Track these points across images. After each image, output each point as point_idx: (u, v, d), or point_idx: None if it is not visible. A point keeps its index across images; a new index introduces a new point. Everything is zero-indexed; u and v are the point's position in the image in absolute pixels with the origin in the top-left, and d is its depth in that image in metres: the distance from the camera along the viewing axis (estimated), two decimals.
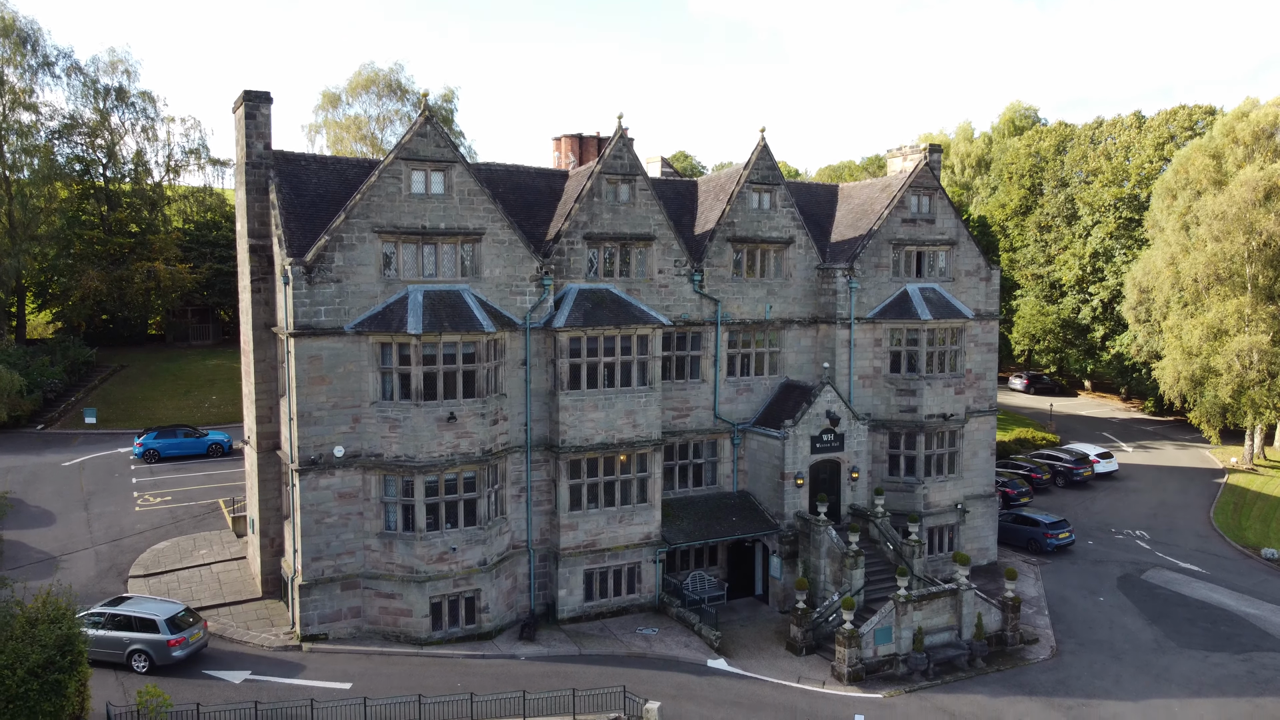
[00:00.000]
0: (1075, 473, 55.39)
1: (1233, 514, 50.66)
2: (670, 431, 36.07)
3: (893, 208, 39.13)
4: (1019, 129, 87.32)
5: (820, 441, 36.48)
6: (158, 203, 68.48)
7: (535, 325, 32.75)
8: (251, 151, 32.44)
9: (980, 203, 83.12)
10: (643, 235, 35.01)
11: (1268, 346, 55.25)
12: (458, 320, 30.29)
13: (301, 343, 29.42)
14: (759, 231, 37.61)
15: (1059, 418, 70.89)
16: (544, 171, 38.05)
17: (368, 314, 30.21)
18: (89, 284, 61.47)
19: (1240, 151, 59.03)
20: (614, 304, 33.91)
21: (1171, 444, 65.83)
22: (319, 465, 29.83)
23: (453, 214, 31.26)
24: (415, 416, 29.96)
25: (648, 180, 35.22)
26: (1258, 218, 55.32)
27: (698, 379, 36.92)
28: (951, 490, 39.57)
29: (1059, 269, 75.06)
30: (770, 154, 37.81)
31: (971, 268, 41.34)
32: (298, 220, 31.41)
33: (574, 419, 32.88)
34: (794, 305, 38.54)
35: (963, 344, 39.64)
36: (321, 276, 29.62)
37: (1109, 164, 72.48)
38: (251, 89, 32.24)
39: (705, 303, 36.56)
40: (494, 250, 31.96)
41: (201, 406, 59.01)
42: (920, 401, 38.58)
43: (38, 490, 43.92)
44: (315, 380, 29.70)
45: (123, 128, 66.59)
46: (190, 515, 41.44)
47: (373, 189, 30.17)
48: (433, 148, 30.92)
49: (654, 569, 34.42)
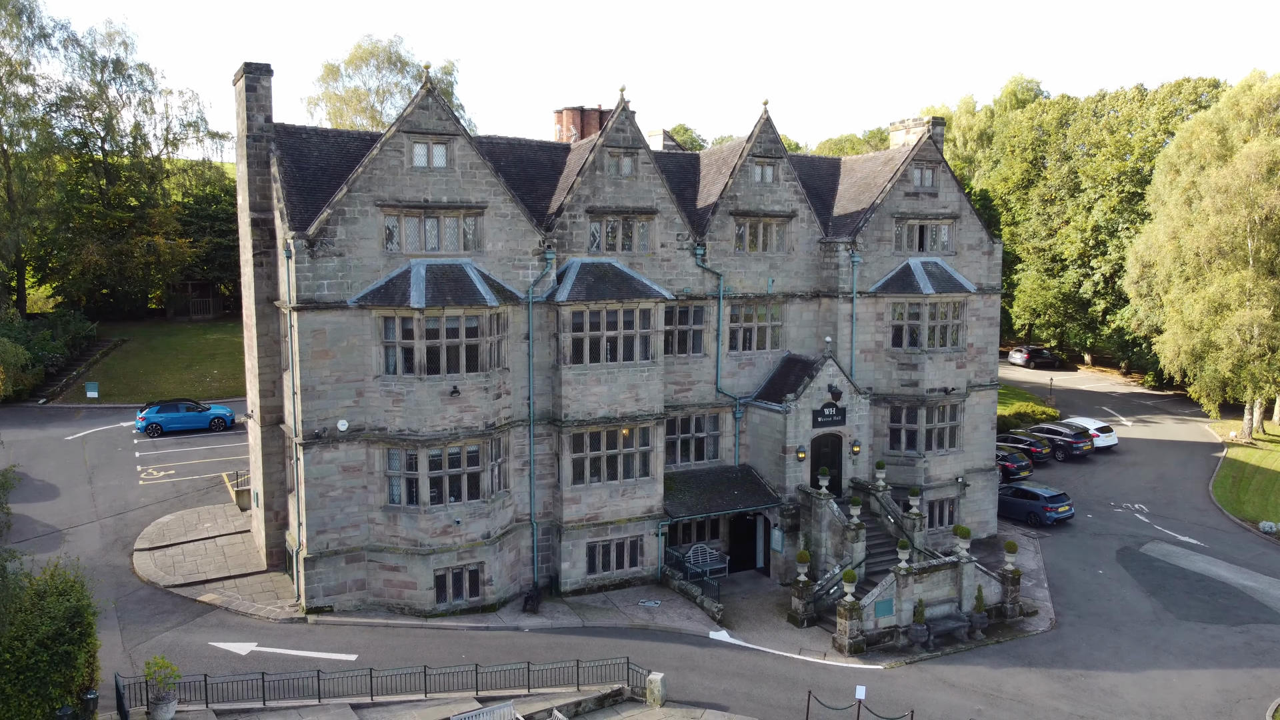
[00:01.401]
0: (1075, 447, 55.57)
1: (1231, 487, 50.89)
2: (672, 405, 36.15)
3: (895, 181, 39.00)
4: (1021, 102, 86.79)
5: (822, 416, 36.58)
6: (156, 176, 68.15)
7: (538, 299, 32.73)
8: (252, 124, 32.27)
9: (982, 176, 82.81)
10: (645, 209, 34.91)
11: (1269, 321, 55.20)
12: (460, 294, 30.27)
13: (304, 317, 29.42)
14: (761, 205, 37.50)
15: (1059, 392, 70.99)
16: (546, 145, 37.87)
17: (370, 288, 30.18)
18: (88, 258, 61.33)
19: (1244, 125, 58.75)
20: (616, 278, 33.88)
21: (1171, 418, 65.99)
22: (323, 439, 29.93)
23: (455, 187, 31.15)
24: (418, 390, 30.01)
25: (650, 153, 35.09)
26: (1260, 192, 55.12)
27: (700, 353, 36.94)
28: (952, 464, 39.72)
29: (1061, 243, 74.90)
30: (773, 127, 37.63)
31: (974, 241, 41.26)
32: (299, 193, 31.31)
33: (577, 393, 32.95)
34: (796, 279, 38.51)
35: (964, 318, 39.64)
36: (324, 250, 29.57)
37: (1112, 137, 72.14)
38: (252, 61, 32.02)
39: (707, 276, 36.52)
40: (496, 224, 31.89)
41: (203, 380, 59.07)
42: (922, 375, 38.64)
43: (41, 464, 44.05)
44: (318, 354, 29.72)
45: (120, 100, 66.18)
46: (194, 489, 41.61)
47: (374, 162, 30.05)
48: (434, 120, 30.77)
49: (656, 542, 34.62)
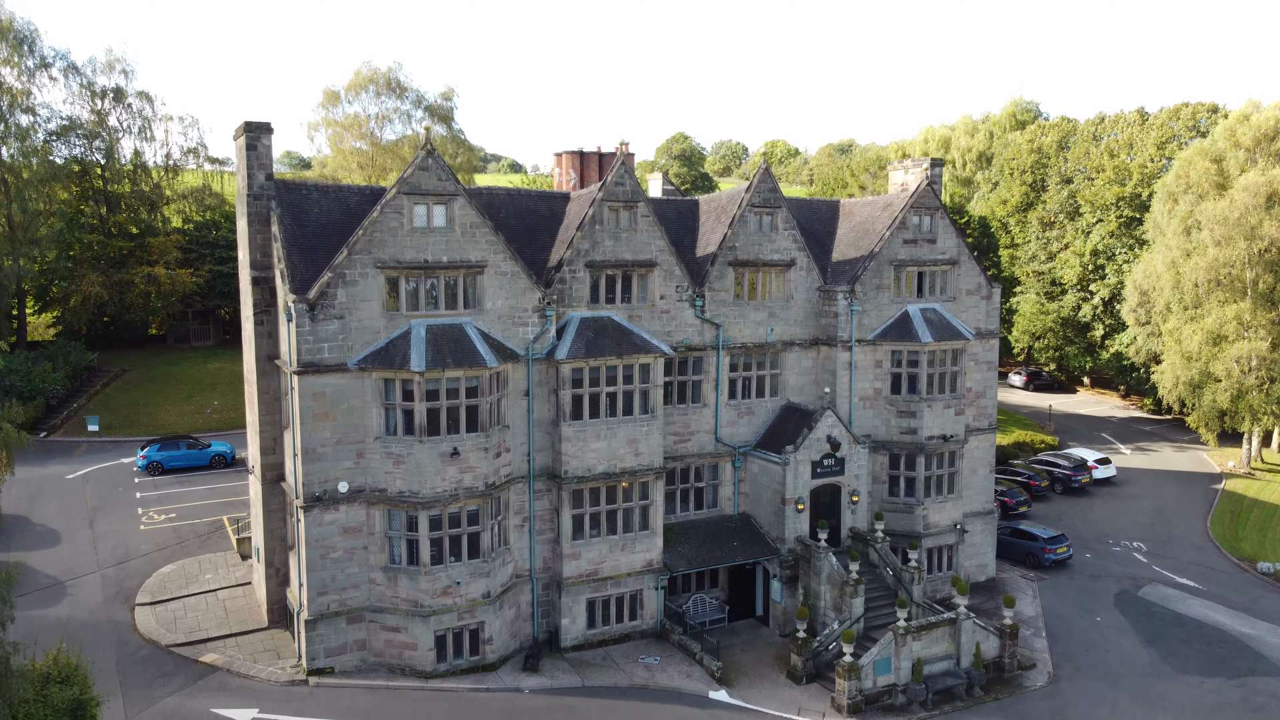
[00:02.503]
0: (1074, 479, 55.69)
1: (1229, 523, 51.01)
2: (671, 456, 36.26)
3: (894, 228, 39.10)
4: (1021, 123, 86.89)
5: (821, 466, 36.70)
6: (157, 203, 68.26)
7: (537, 356, 32.84)
8: (253, 183, 32.39)
9: (981, 198, 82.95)
10: (644, 261, 35.03)
11: (1267, 353, 55.36)
12: (460, 356, 30.38)
13: (305, 380, 29.53)
14: (760, 254, 37.62)
15: (1057, 417, 71.15)
16: (545, 194, 37.99)
17: (371, 349, 30.29)
18: (89, 289, 61.45)
19: (1242, 155, 58.91)
20: (616, 332, 33.99)
21: (1170, 445, 66.13)
22: (324, 501, 30.04)
23: (455, 247, 31.26)
24: (419, 452, 30.12)
25: (649, 206, 35.20)
26: (1259, 223, 55.28)
27: (699, 403, 37.05)
28: (951, 510, 39.83)
29: (1060, 267, 75.03)
30: (771, 176, 37.74)
31: (972, 286, 41.37)
32: (300, 252, 31.41)
33: (576, 449, 33.06)
34: (795, 327, 38.62)
35: (963, 364, 39.74)
36: (324, 313, 29.68)
37: (1111, 162, 72.28)
38: (252, 120, 32.14)
39: (707, 327, 36.64)
40: (496, 282, 32.00)
41: (203, 412, 59.19)
42: (920, 423, 38.75)
43: (43, 506, 44.17)
44: (319, 416, 29.83)
45: (120, 128, 66.28)
46: (195, 534, 41.72)
47: (374, 224, 30.16)
48: (435, 181, 30.88)
49: (656, 596, 34.74)
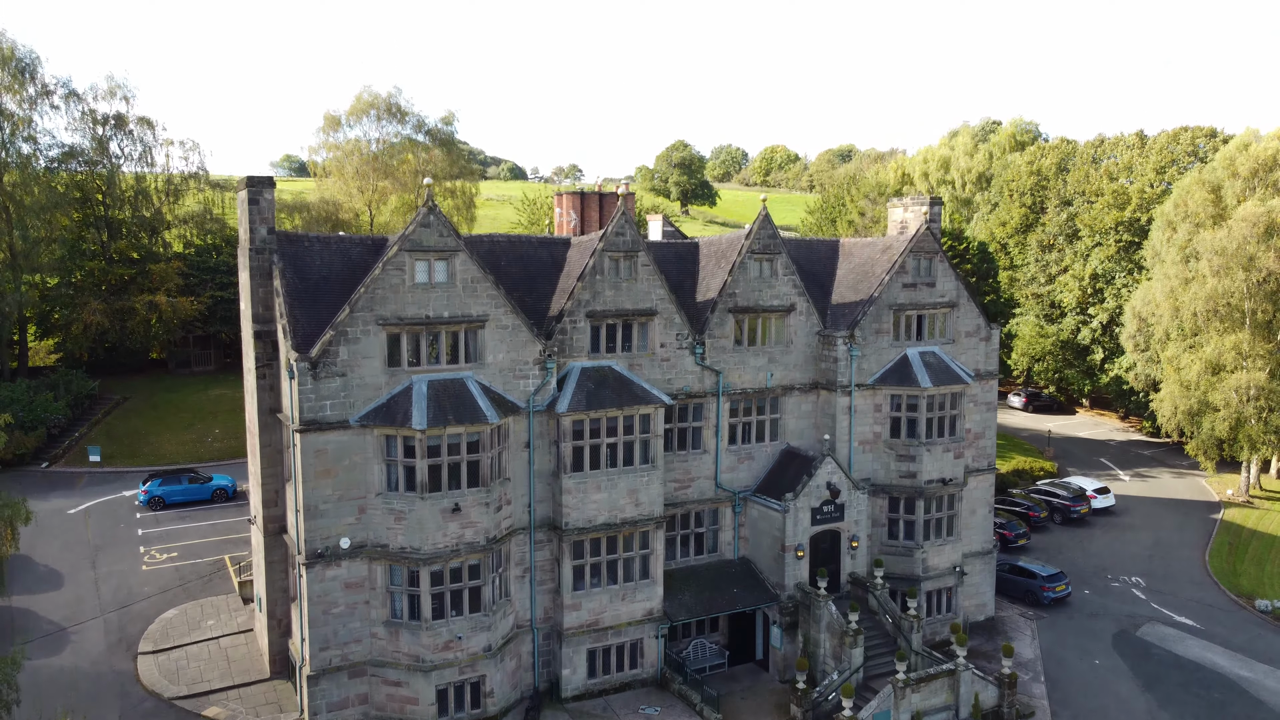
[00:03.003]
0: (1073, 510, 55.82)
1: (1228, 556, 51.16)
2: (672, 503, 36.41)
3: (893, 272, 39.24)
4: (1020, 144, 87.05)
5: (820, 513, 36.85)
6: (157, 228, 68.42)
7: (538, 408, 32.99)
8: (255, 237, 32.56)
9: (981, 219, 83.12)
10: (645, 310, 35.19)
11: (1265, 383, 55.54)
12: (461, 412, 30.52)
13: (307, 438, 29.67)
14: (760, 300, 37.78)
15: (1056, 441, 71.28)
16: (546, 240, 38.12)
17: (372, 406, 30.43)
18: (90, 317, 61.61)
19: (1239, 185, 59.07)
20: (617, 383, 34.14)
21: (1169, 471, 66.26)
22: (326, 558, 30.18)
23: (456, 302, 31.42)
24: (420, 509, 30.26)
25: (649, 255, 35.36)
26: (1257, 253, 55.44)
27: (699, 449, 37.21)
28: (950, 553, 39.98)
29: (1059, 290, 75.19)
30: (771, 223, 37.90)
31: (971, 328, 41.52)
32: (302, 306, 31.55)
33: (577, 501, 33.22)
34: (795, 371, 38.77)
35: (962, 408, 39.88)
36: (326, 371, 29.82)
37: (1110, 185, 72.43)
38: (254, 175, 32.30)
39: (707, 374, 36.80)
40: (497, 336, 32.15)
41: (204, 441, 59.34)
42: (920, 467, 38.89)
43: (45, 545, 44.30)
44: (321, 473, 29.98)
45: (121, 155, 66.43)
46: (197, 575, 41.87)
47: (376, 281, 30.31)
48: (436, 237, 31.02)
49: (656, 644, 34.90)
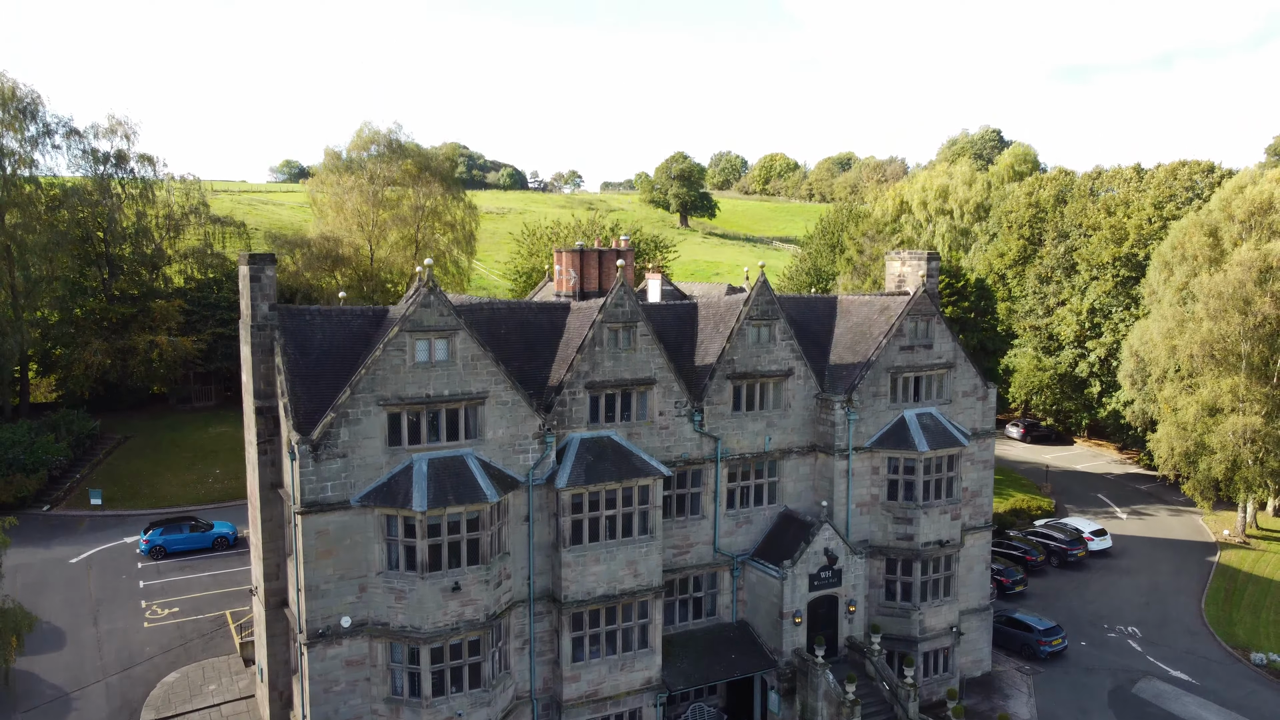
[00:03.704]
0: (1070, 553, 56.08)
1: (1224, 603, 51.40)
2: (670, 569, 36.66)
3: (891, 336, 39.48)
4: (1019, 174, 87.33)
5: (818, 579, 37.11)
6: (158, 264, 68.68)
7: (538, 481, 33.22)
8: (256, 313, 32.81)
9: (979, 249, 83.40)
10: (644, 379, 35.44)
11: (1261, 426, 55.79)
12: (462, 492, 30.74)
13: (309, 519, 29.90)
14: (758, 365, 38.02)
15: (1054, 475, 71.53)
16: (545, 306, 38.34)
17: (373, 486, 30.65)
18: (91, 357, 61.85)
19: (1236, 228, 59.36)
20: (616, 454, 34.37)
21: (1166, 509, 66.50)
22: (327, 637, 30.40)
23: (456, 380, 31.65)
24: (421, 588, 30.48)
25: (648, 325, 35.58)
26: (1253, 297, 55.70)
27: (698, 514, 37.46)
28: (947, 614, 40.23)
29: (1057, 323, 75.47)
30: (769, 288, 38.16)
31: (969, 388, 41.77)
32: (303, 383, 31.78)
33: (576, 574, 33.46)
34: (793, 434, 39.03)
35: (959, 469, 40.13)
36: (328, 452, 30.04)
37: (1108, 220, 72.69)
38: (256, 253, 32.54)
39: (705, 440, 37.05)
40: (497, 411, 32.37)
41: (205, 482, 59.58)
42: (917, 529, 39.15)
43: (47, 599, 44.53)
44: (323, 554, 30.20)
45: (123, 193, 66.63)
46: (199, 632, 42.10)
47: (377, 362, 30.53)
48: (436, 317, 31.26)
49: (655, 713, 35.14)
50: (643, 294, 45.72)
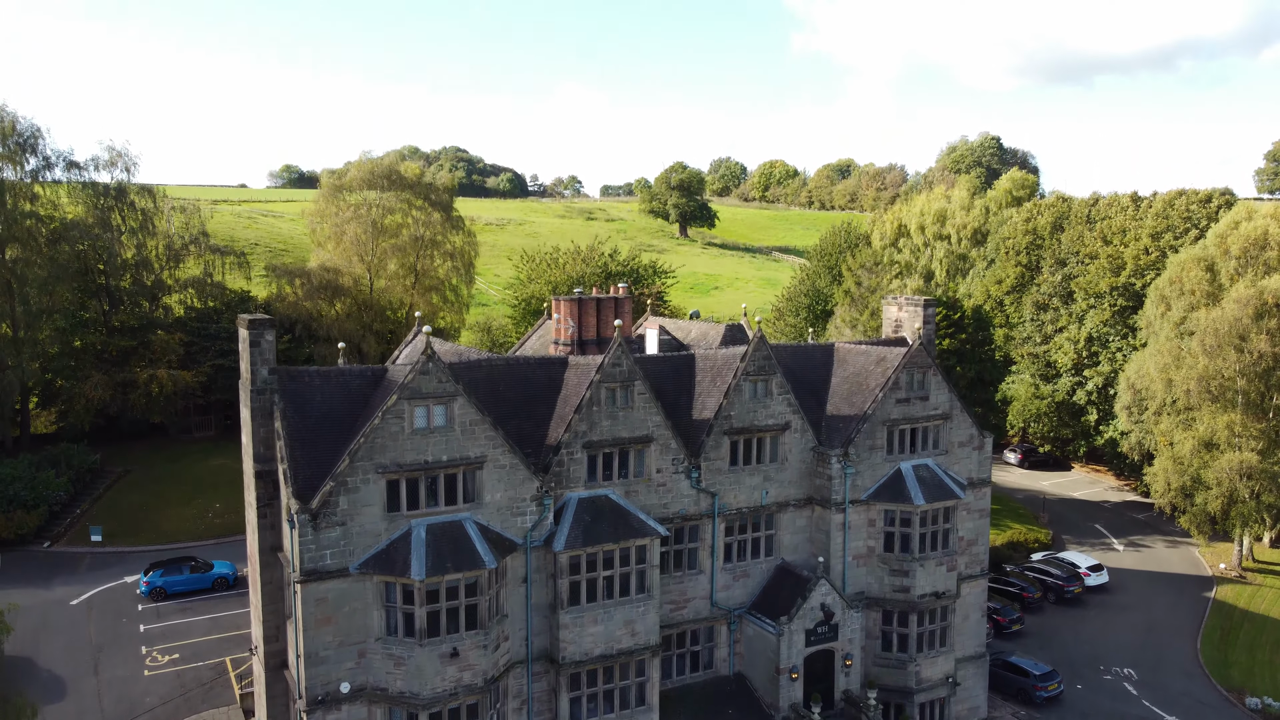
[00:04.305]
0: (1067, 590, 56.28)
1: (1219, 643, 51.61)
2: (668, 624, 36.86)
3: (887, 389, 39.68)
4: (1017, 200, 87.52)
5: (815, 634, 37.32)
6: (158, 295, 68.88)
7: (536, 543, 33.43)
8: (256, 378, 33.01)
9: (977, 275, 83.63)
10: (641, 438, 35.66)
11: (1257, 463, 55.99)
12: (460, 559, 30.95)
13: (308, 587, 30.10)
14: (755, 420, 38.22)
15: (1051, 503, 71.71)
16: (544, 361, 38.51)
17: (371, 553, 30.85)
18: (92, 391, 62.05)
19: (1232, 264, 59.57)
20: (613, 514, 34.58)
21: (1163, 540, 66.70)
22: (326, 703, 30.60)
23: (455, 445, 31.86)
24: (419, 655, 30.67)
25: (646, 384, 35.78)
26: (1249, 333, 55.90)
27: (695, 569, 37.67)
28: (943, 664, 40.43)
29: (1054, 350, 75.69)
30: (765, 344, 38.36)
31: (964, 438, 42.00)
32: (302, 447, 31.97)
33: (574, 635, 33.66)
34: (790, 488, 39.25)
35: (955, 521, 40.35)
36: (327, 521, 30.25)
37: (1105, 249, 72.90)
38: (256, 318, 32.75)
39: (703, 496, 37.26)
40: (495, 475, 32.59)
41: (205, 517, 59.77)
42: (913, 581, 39.37)
43: (48, 645, 44.73)
44: (322, 621, 30.41)
45: (123, 225, 66.84)
46: (199, 681, 42.30)
47: (376, 430, 30.73)
48: (435, 384, 31.46)
49: None
50: (640, 342, 45.88)
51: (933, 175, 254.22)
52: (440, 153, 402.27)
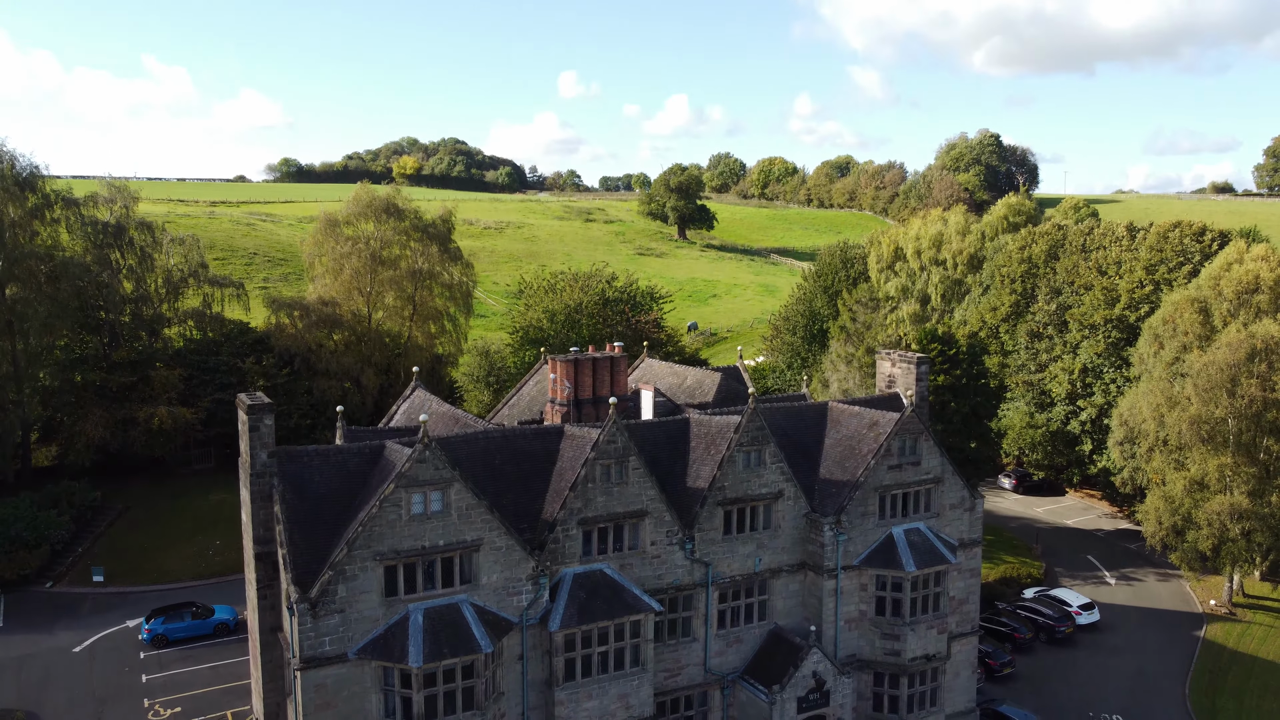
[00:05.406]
0: (1058, 630, 56.83)
1: (1207, 689, 52.20)
2: (661, 691, 37.44)
3: (879, 456, 40.18)
4: (1014, 225, 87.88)
5: (806, 701, 37.96)
6: (157, 328, 69.28)
7: (531, 621, 34.00)
8: (255, 461, 33.50)
9: (972, 301, 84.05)
10: (636, 512, 36.19)
11: (1247, 505, 56.55)
12: (457, 645, 31.52)
13: (308, 674, 30.68)
14: (749, 490, 38.73)
15: (1045, 533, 72.31)
16: (540, 432, 38.97)
17: (369, 638, 31.43)
18: (91, 430, 62.51)
19: (1225, 306, 59.98)
20: (608, 591, 35.13)
21: (1154, 573, 67.28)
22: None
23: (451, 530, 32.38)
24: None
25: (640, 459, 36.29)
26: (1241, 376, 56.36)
27: (689, 637, 38.25)
28: None
29: (1049, 380, 76.17)
30: (759, 415, 38.82)
31: (956, 500, 42.54)
32: (301, 530, 32.49)
33: (569, 711, 34.28)
34: (783, 554, 39.79)
35: (946, 585, 40.92)
36: (325, 609, 30.80)
37: (1100, 280, 73.28)
38: (255, 403, 33.20)
39: (697, 567, 37.81)
40: (491, 557, 33.13)
41: (205, 554, 60.34)
42: (904, 645, 39.98)
43: (51, 698, 45.30)
44: (321, 706, 31.00)
45: (122, 261, 67.18)
46: None
47: (373, 519, 31.25)
48: (432, 471, 31.96)
49: None
50: (635, 401, 46.32)
51: (931, 174, 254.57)
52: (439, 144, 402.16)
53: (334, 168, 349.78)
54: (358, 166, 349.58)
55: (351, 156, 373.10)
